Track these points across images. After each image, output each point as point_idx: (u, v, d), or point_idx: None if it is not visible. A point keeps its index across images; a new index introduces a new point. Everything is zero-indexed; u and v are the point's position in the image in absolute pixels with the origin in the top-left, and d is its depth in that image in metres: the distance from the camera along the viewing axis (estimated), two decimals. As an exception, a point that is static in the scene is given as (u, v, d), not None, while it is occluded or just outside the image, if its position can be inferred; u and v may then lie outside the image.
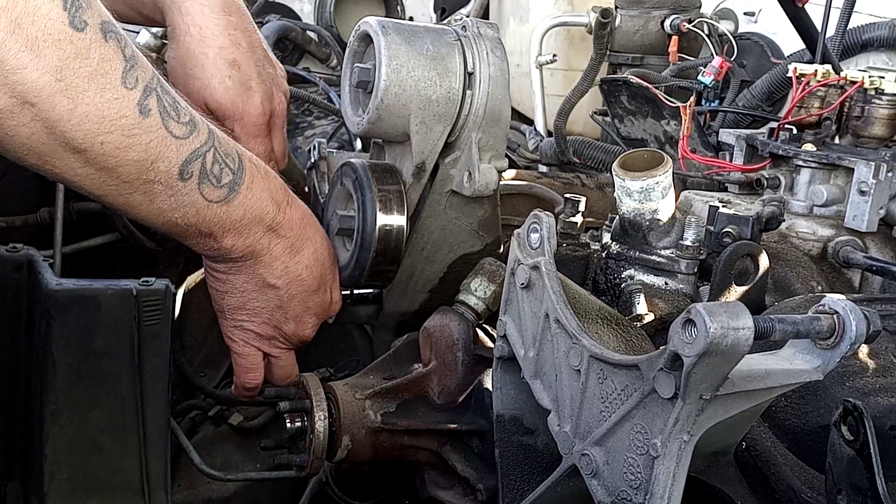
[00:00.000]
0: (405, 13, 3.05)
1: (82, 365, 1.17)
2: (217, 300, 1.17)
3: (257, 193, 1.06)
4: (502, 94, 1.21)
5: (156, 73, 0.93)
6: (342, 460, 1.19)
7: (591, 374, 0.85)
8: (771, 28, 2.34)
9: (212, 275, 1.14)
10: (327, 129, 2.37)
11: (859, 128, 1.35)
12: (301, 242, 1.13)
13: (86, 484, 1.19)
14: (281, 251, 1.11)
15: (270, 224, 1.08)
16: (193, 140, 0.97)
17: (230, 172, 1.02)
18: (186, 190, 0.98)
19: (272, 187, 1.09)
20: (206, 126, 1.00)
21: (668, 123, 1.91)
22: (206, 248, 1.07)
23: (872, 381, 0.95)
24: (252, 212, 1.05)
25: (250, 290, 1.13)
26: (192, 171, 0.97)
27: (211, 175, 0.99)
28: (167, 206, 0.98)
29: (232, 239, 1.06)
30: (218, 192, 1.01)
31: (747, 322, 0.69)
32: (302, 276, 1.15)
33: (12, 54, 0.80)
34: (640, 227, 1.07)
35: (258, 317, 1.16)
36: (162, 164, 0.94)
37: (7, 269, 1.23)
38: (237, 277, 1.12)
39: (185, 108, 0.97)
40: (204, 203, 1.00)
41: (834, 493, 0.79)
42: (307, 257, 1.15)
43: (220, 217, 1.03)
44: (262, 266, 1.11)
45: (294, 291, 1.15)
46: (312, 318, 1.20)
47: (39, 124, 0.84)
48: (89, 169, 0.90)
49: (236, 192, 1.03)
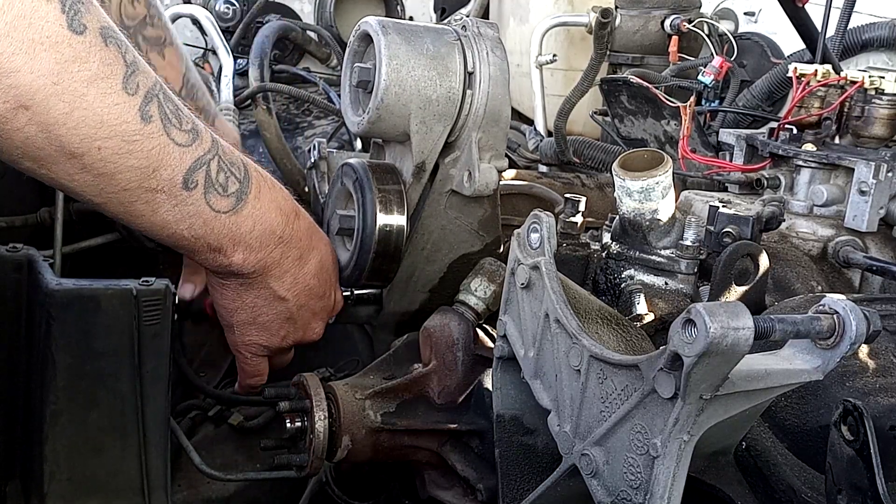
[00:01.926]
0: (405, 13, 3.05)
1: (82, 365, 1.16)
2: (225, 316, 1.16)
3: (265, 203, 1.04)
4: (502, 94, 1.21)
5: (158, 80, 0.92)
6: (342, 460, 1.19)
7: (591, 374, 0.85)
8: (771, 28, 2.34)
9: (220, 291, 1.13)
10: (327, 129, 2.37)
11: (859, 128, 1.35)
12: (308, 253, 1.13)
13: (86, 484, 1.18)
14: (291, 264, 1.10)
15: (280, 236, 1.07)
16: (196, 148, 0.95)
17: (236, 181, 1.00)
18: (192, 200, 0.96)
19: (279, 197, 1.07)
20: (209, 134, 0.98)
21: (668, 123, 1.91)
22: (215, 263, 1.05)
23: (872, 381, 0.95)
24: (262, 223, 1.04)
25: (261, 304, 1.12)
26: (197, 180, 0.96)
27: (217, 184, 0.97)
28: (172, 218, 0.96)
29: (243, 254, 1.04)
30: (225, 201, 0.99)
31: (747, 322, 0.69)
32: (310, 285, 1.14)
33: (6, 57, 0.78)
34: (640, 227, 1.07)
35: (268, 330, 1.16)
36: (164, 172, 0.92)
37: (7, 269, 1.22)
38: (248, 293, 1.11)
39: (188, 116, 0.95)
40: (212, 214, 0.98)
41: (834, 493, 0.79)
42: (314, 266, 1.14)
43: (229, 229, 1.01)
44: (273, 280, 1.10)
45: (303, 301, 1.15)
46: (320, 323, 1.21)
47: (35, 128, 0.83)
48: (86, 175, 0.88)
49: (244, 202, 1.01)
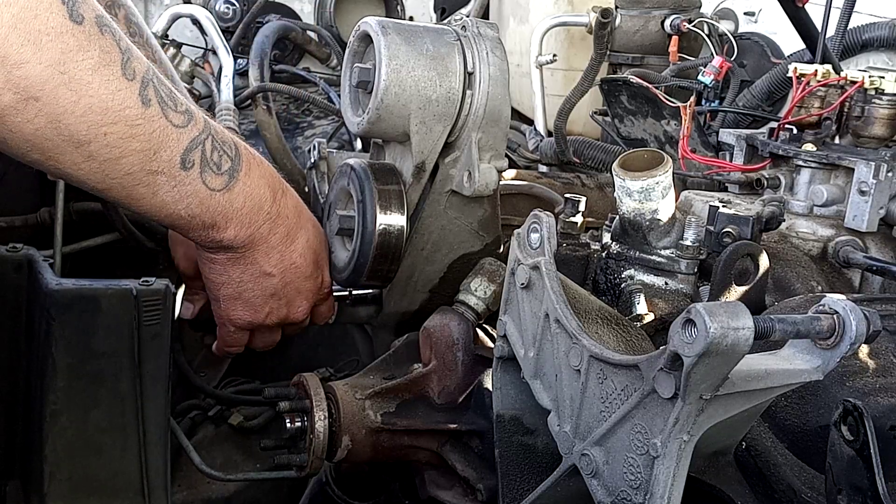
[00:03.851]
0: (405, 13, 3.06)
1: (82, 365, 1.16)
2: (213, 290, 1.19)
3: (255, 180, 1.08)
4: (502, 94, 1.21)
5: (150, 65, 0.94)
6: (342, 460, 1.19)
7: (591, 374, 0.85)
8: (771, 28, 2.34)
9: (209, 265, 1.15)
10: (327, 129, 2.37)
11: (859, 128, 1.35)
12: (296, 231, 1.15)
13: (86, 484, 1.18)
14: (278, 240, 1.13)
15: (269, 212, 1.10)
16: (192, 129, 0.99)
17: (229, 159, 1.03)
18: (189, 179, 0.99)
19: (267, 174, 1.11)
20: (201, 115, 1.01)
21: (668, 123, 1.91)
22: (207, 239, 1.08)
23: (872, 381, 0.95)
24: (252, 199, 1.07)
25: (247, 279, 1.15)
26: (194, 160, 0.99)
27: (211, 163, 1.01)
28: (170, 198, 0.99)
29: (235, 229, 1.07)
30: (219, 179, 1.03)
31: (747, 322, 0.69)
32: (296, 263, 1.17)
33: (15, 49, 0.80)
34: (640, 227, 1.07)
35: (252, 306, 1.18)
36: (164, 154, 0.96)
37: (7, 269, 1.22)
38: (235, 268, 1.14)
39: (181, 98, 0.98)
40: (207, 192, 1.02)
41: (834, 493, 0.79)
42: (301, 245, 1.17)
43: (222, 206, 1.04)
44: (260, 255, 1.13)
45: (289, 279, 1.17)
46: (304, 303, 1.22)
47: (44, 119, 0.85)
48: (93, 163, 0.91)
49: (236, 179, 1.04)
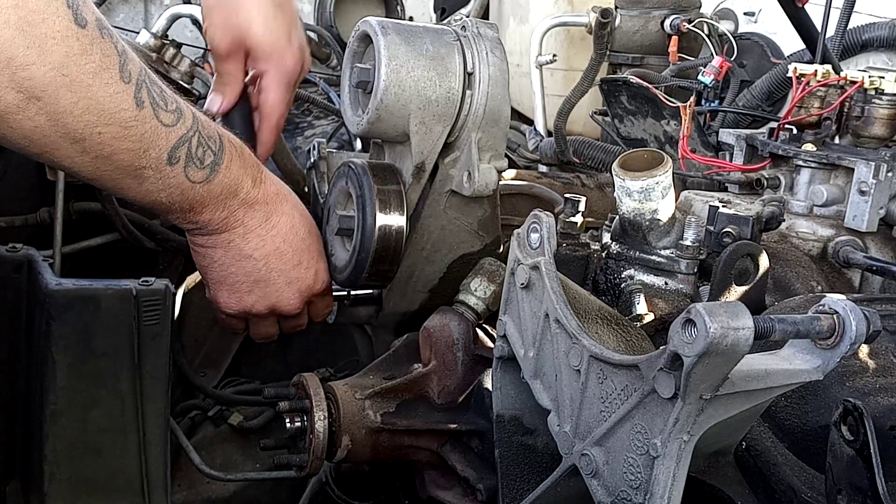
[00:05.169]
0: (405, 13, 3.06)
1: (82, 365, 1.17)
2: (202, 273, 1.21)
3: (235, 171, 1.10)
4: (502, 94, 1.21)
5: (143, 66, 0.96)
6: (342, 460, 1.19)
7: (591, 374, 0.85)
8: (771, 28, 2.34)
9: (195, 249, 1.18)
10: (327, 129, 2.37)
11: (859, 128, 1.35)
12: (277, 216, 1.17)
13: (86, 484, 1.19)
14: (256, 224, 1.15)
15: (244, 198, 1.12)
16: (180, 127, 1.01)
17: (212, 154, 1.06)
18: (174, 173, 1.02)
19: (247, 164, 1.13)
20: (190, 111, 1.04)
21: (668, 123, 1.91)
22: (186, 221, 1.11)
23: (872, 381, 0.95)
24: (229, 188, 1.10)
25: (229, 263, 1.17)
26: (180, 156, 1.02)
27: (195, 158, 1.04)
28: (154, 188, 1.03)
29: (210, 213, 1.10)
30: (201, 173, 1.05)
31: (747, 322, 0.69)
32: (280, 248, 1.18)
33: (21, 51, 0.82)
34: (640, 227, 1.07)
35: (238, 291, 1.19)
36: (153, 152, 0.99)
37: (7, 269, 1.23)
38: (216, 251, 1.16)
39: (171, 97, 1.01)
40: (189, 184, 1.05)
41: (834, 493, 0.79)
42: (284, 230, 1.18)
43: (201, 195, 1.08)
44: (238, 237, 1.15)
45: (273, 265, 1.18)
46: (295, 294, 1.22)
47: (44, 117, 0.87)
48: (85, 157, 0.94)
49: (217, 172, 1.07)
